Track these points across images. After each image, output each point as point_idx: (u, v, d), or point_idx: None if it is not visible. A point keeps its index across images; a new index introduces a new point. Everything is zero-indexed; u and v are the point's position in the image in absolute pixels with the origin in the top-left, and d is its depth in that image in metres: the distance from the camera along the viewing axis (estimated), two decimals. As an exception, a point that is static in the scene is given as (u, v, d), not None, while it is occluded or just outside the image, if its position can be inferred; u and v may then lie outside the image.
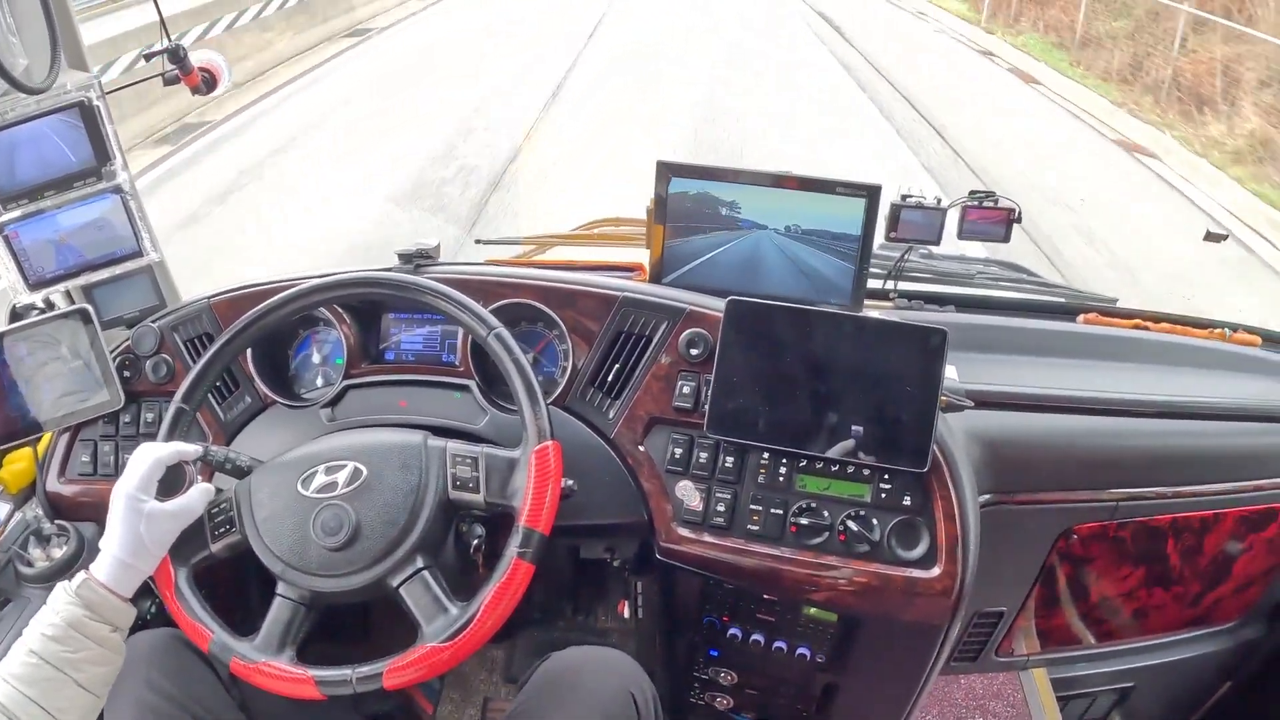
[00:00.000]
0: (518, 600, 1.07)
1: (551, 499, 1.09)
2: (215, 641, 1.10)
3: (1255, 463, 1.54)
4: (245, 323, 1.21)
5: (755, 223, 1.34)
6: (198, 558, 1.15)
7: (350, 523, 1.09)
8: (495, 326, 1.17)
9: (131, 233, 1.45)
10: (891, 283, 1.59)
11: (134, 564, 1.06)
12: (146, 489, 1.08)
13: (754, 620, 1.39)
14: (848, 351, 1.23)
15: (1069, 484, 1.46)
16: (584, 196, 5.86)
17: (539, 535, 1.08)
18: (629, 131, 7.42)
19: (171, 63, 1.50)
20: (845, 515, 1.23)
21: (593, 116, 7.95)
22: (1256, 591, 1.72)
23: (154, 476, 1.10)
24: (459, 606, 1.08)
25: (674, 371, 1.30)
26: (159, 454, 1.11)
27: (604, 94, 8.67)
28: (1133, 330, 1.61)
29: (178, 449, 1.13)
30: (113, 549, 1.05)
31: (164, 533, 1.09)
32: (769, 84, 9.34)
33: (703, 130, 7.53)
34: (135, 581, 1.07)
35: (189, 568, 1.14)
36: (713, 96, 8.59)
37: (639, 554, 1.38)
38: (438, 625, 1.06)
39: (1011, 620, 1.61)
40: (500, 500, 1.13)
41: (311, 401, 1.38)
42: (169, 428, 1.19)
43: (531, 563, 1.07)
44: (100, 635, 1.00)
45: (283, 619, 1.11)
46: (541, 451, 1.11)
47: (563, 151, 6.98)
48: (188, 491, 1.12)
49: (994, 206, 1.39)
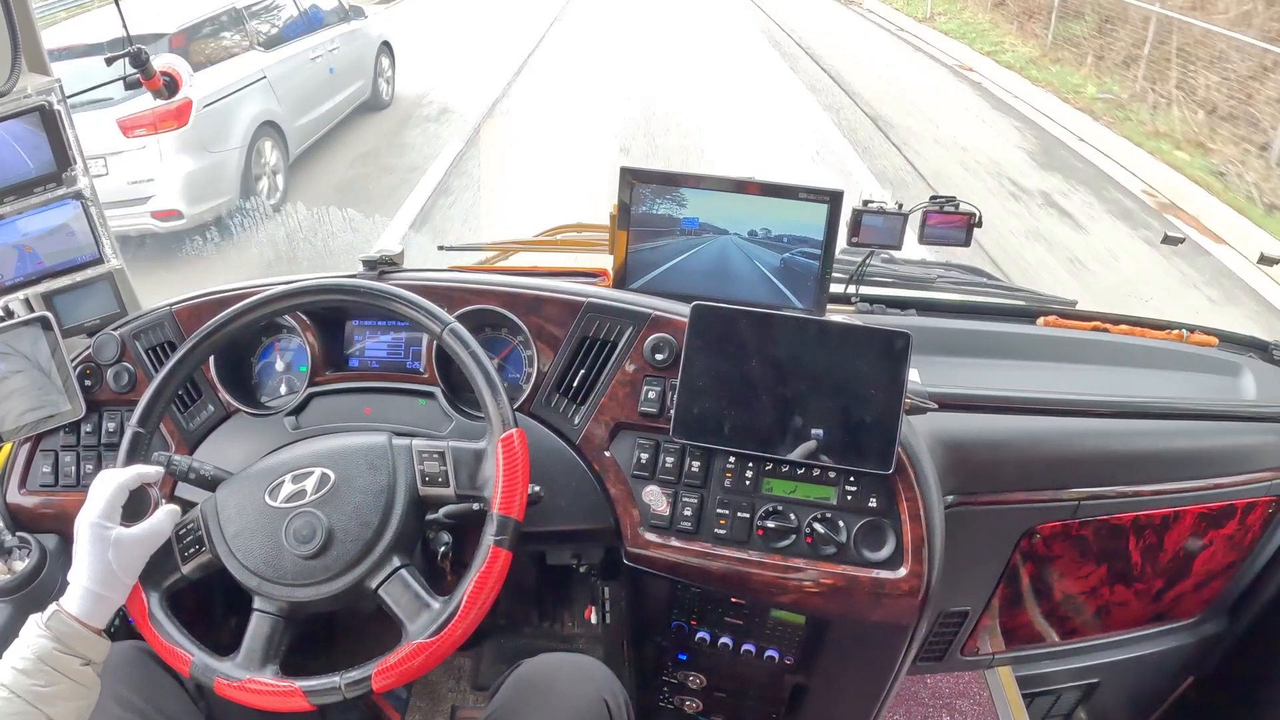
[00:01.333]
0: (499, 589, 1.07)
1: (522, 485, 1.10)
2: (196, 664, 1.08)
3: (1214, 461, 1.57)
4: (205, 333, 1.20)
5: (718, 228, 1.34)
6: (169, 581, 1.13)
7: (323, 529, 1.09)
8: (449, 322, 1.17)
9: (92, 239, 1.44)
10: (853, 287, 1.61)
11: (105, 594, 1.03)
12: (111, 516, 1.06)
13: (722, 623, 1.39)
14: (812, 356, 1.23)
15: (1031, 484, 1.48)
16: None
17: (514, 522, 1.08)
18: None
19: (133, 66, 1.49)
20: (812, 518, 1.24)
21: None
22: (1217, 587, 1.75)
23: (117, 502, 1.07)
24: (440, 601, 1.07)
25: (639, 377, 1.30)
26: (120, 479, 1.08)
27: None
28: (1092, 332, 1.63)
29: (139, 472, 1.11)
30: (82, 580, 1.02)
31: (133, 559, 1.07)
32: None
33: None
34: (108, 612, 1.04)
35: (161, 592, 1.13)
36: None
37: (606, 559, 1.39)
38: (422, 621, 1.06)
39: (976, 619, 1.63)
40: (471, 491, 1.13)
41: (275, 409, 1.37)
42: (127, 452, 1.17)
43: (509, 549, 1.07)
44: (72, 669, 0.98)
45: (263, 633, 1.10)
46: (507, 439, 1.11)
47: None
48: (153, 514, 1.10)
49: (954, 211, 1.40)
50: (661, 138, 7.47)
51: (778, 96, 8.99)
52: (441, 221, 5.79)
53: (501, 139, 7.65)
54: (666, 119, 7.91)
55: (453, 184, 6.42)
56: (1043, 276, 5.09)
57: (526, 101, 8.68)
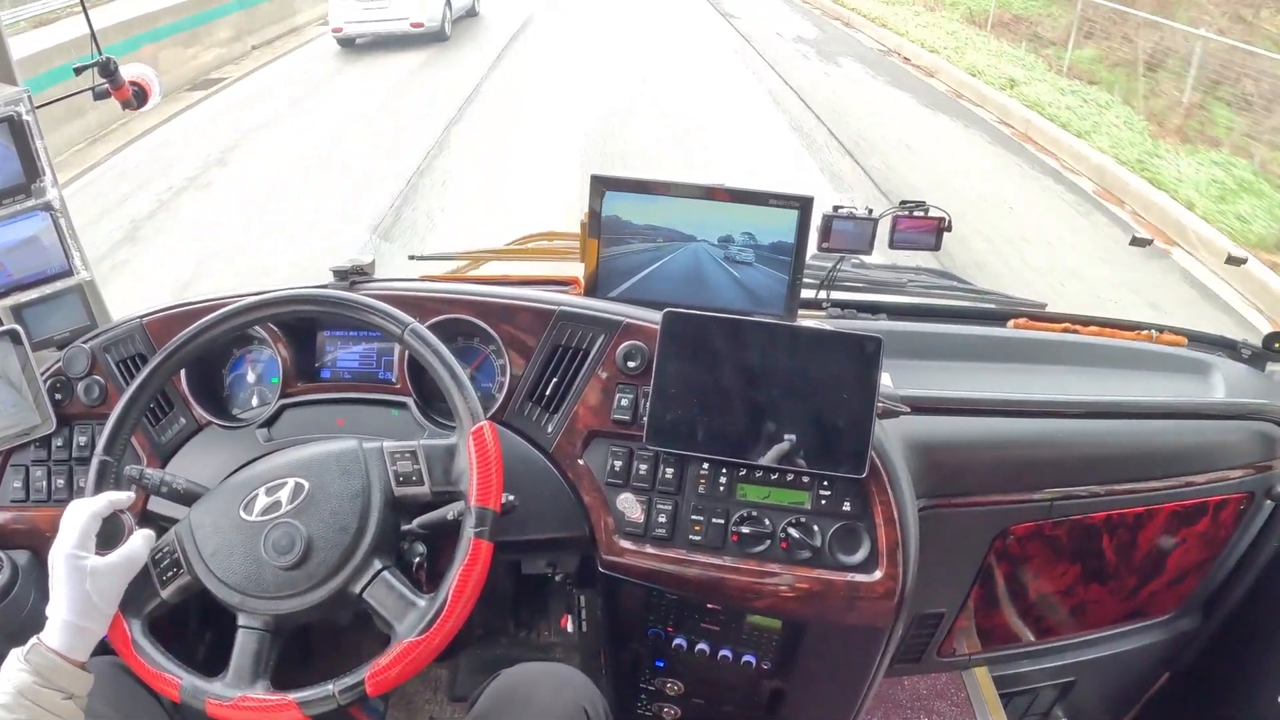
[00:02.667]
0: (483, 580, 1.07)
1: (497, 475, 1.10)
2: (185, 688, 1.07)
3: (1185, 459, 1.58)
4: (177, 344, 1.20)
5: (689, 235, 1.35)
6: (150, 606, 1.12)
7: (301, 538, 1.08)
8: (409, 323, 1.17)
9: (61, 251, 1.43)
10: (824, 292, 1.61)
11: (85, 625, 1.01)
12: (85, 545, 1.05)
13: (698, 629, 1.39)
14: (784, 361, 1.24)
15: (1004, 485, 1.49)
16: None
17: (492, 513, 1.09)
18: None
19: (102, 76, 1.47)
20: (786, 523, 1.25)
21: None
22: (1191, 583, 1.77)
23: (91, 531, 1.06)
24: (426, 598, 1.07)
25: (612, 384, 1.30)
26: (92, 508, 1.07)
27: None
28: (1062, 334, 1.65)
29: (110, 499, 1.09)
30: (61, 613, 1.01)
31: (111, 587, 1.05)
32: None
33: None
34: (89, 644, 1.02)
35: (143, 619, 1.11)
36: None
37: (581, 567, 1.39)
38: (410, 620, 1.06)
39: (952, 621, 1.64)
40: (446, 486, 1.13)
41: (247, 422, 1.36)
42: (96, 480, 1.16)
43: (491, 540, 1.07)
44: (54, 703, 0.96)
45: (250, 649, 1.09)
46: (478, 432, 1.11)
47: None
48: (129, 540, 1.09)
49: (924, 216, 1.41)
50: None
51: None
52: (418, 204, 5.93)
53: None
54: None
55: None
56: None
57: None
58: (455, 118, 8.53)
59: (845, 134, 7.88)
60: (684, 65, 10.77)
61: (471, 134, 8.08)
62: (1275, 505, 1.64)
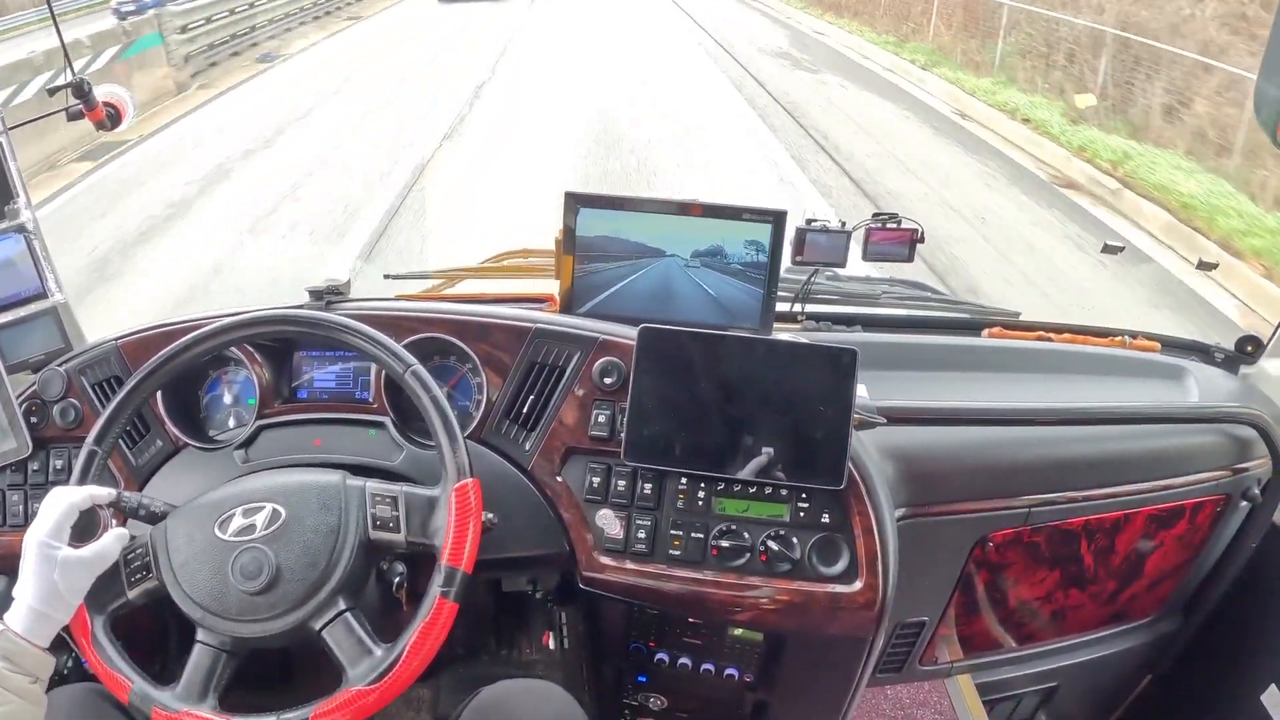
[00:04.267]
0: (442, 639, 1.07)
1: (473, 536, 1.09)
2: (135, 691, 1.07)
3: (1161, 463, 1.59)
4: (157, 363, 1.19)
5: (663, 250, 1.36)
6: (115, 605, 1.12)
7: (270, 566, 1.08)
8: (411, 364, 1.17)
9: (35, 273, 1.42)
10: (799, 305, 1.62)
11: (49, 613, 1.03)
12: (59, 535, 1.06)
13: (680, 644, 1.39)
14: (760, 374, 1.25)
15: (982, 493, 1.50)
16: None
17: (462, 573, 1.08)
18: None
19: (76, 97, 1.46)
20: (765, 535, 1.25)
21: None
22: (1170, 586, 1.78)
23: (67, 522, 1.07)
24: (384, 648, 1.07)
25: (589, 401, 1.30)
26: (72, 499, 1.08)
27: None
28: (1036, 342, 1.66)
29: (90, 493, 1.10)
30: (27, 598, 1.03)
31: (79, 580, 1.06)
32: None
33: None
34: (52, 631, 1.04)
35: (106, 615, 1.11)
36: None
37: (561, 584, 1.39)
38: (363, 668, 1.05)
39: (933, 629, 1.64)
40: (421, 539, 1.12)
41: (224, 443, 1.36)
42: (81, 471, 1.16)
43: (455, 601, 1.07)
44: (20, 687, 0.98)
45: (204, 666, 1.09)
46: (461, 489, 1.11)
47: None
48: (102, 537, 1.10)
49: (897, 228, 1.42)
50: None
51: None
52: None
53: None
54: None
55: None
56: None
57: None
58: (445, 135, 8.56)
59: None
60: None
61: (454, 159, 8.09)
62: (1251, 506, 1.65)
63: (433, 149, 7.97)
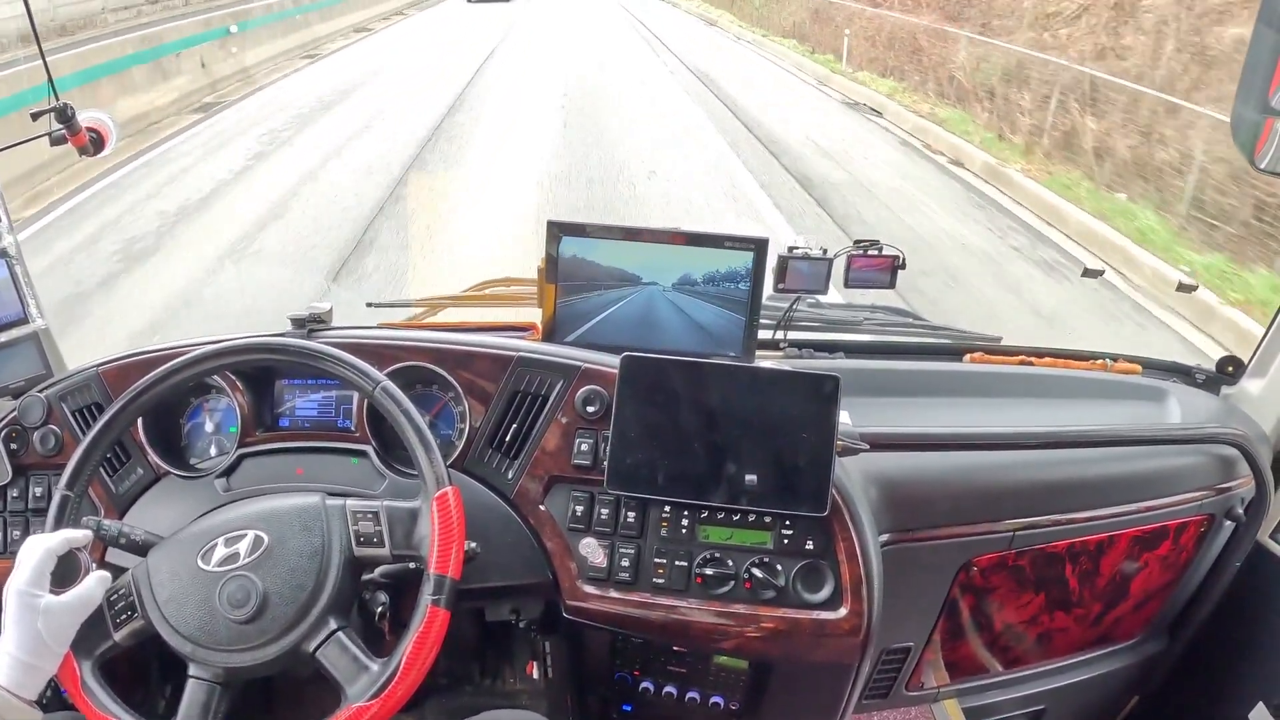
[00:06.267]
0: (438, 648, 1.07)
1: (458, 543, 1.10)
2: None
3: (1145, 484, 1.60)
4: (128, 398, 1.19)
5: (646, 279, 1.36)
6: (102, 649, 1.11)
7: (257, 593, 1.07)
8: (380, 380, 1.17)
9: (16, 298, 1.41)
10: (781, 333, 1.62)
11: (36, 663, 1.01)
12: (39, 583, 1.04)
13: (665, 672, 1.39)
14: (743, 402, 1.25)
15: (966, 518, 1.50)
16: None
17: (450, 580, 1.08)
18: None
19: (59, 122, 1.46)
20: (750, 563, 1.25)
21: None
22: (1155, 607, 1.78)
23: (46, 569, 1.05)
24: (379, 663, 1.06)
25: (571, 429, 1.30)
26: (48, 545, 1.06)
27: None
28: (1018, 366, 1.67)
29: (67, 537, 1.08)
30: (10, 649, 1.00)
31: (64, 627, 1.05)
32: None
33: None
34: (39, 682, 1.02)
35: (93, 660, 1.10)
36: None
37: (545, 613, 1.38)
38: (361, 684, 1.05)
39: (919, 654, 1.64)
40: (406, 551, 1.12)
41: (206, 471, 1.35)
42: (55, 517, 1.14)
43: (447, 608, 1.07)
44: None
45: (199, 701, 1.08)
46: (442, 497, 1.11)
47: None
48: (84, 580, 1.08)
49: (878, 255, 1.43)
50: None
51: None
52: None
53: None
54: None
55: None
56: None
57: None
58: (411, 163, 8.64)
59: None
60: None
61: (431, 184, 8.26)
62: (1235, 525, 1.66)
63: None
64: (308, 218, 6.68)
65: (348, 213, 6.67)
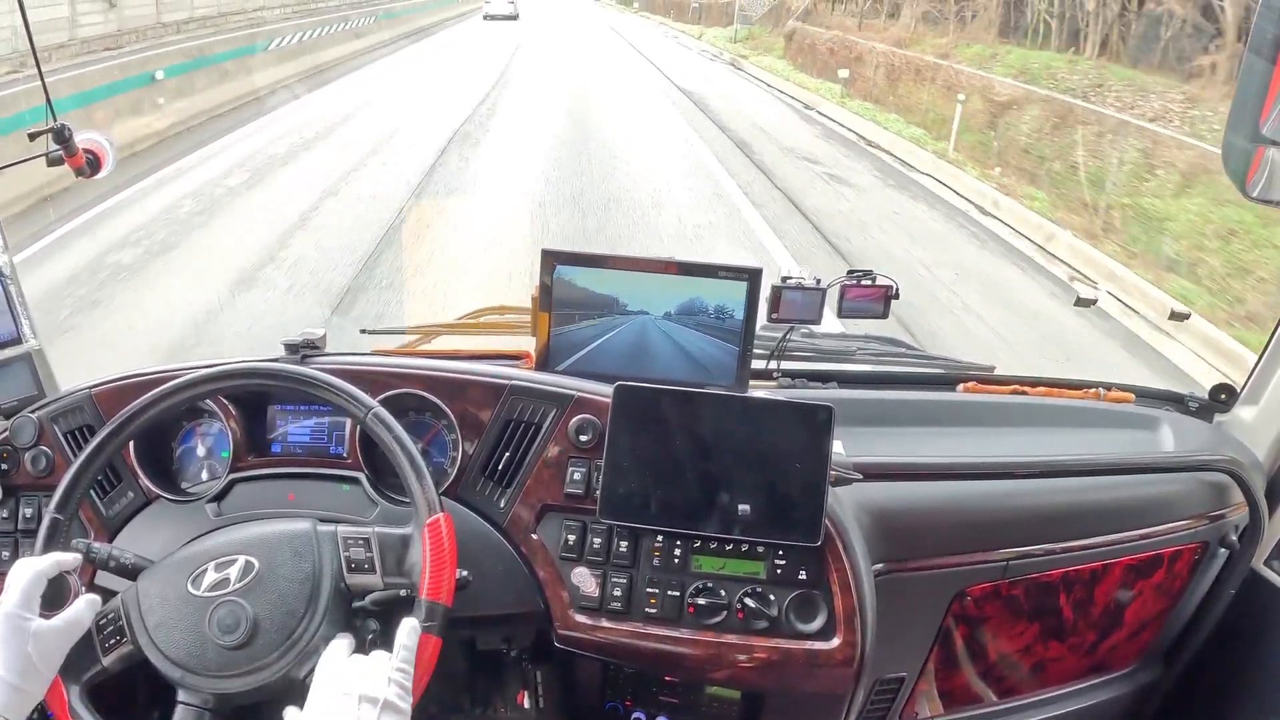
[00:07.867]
0: (429, 675, 1.06)
1: (450, 570, 1.09)
2: None
3: (1138, 512, 1.60)
4: (120, 421, 1.18)
5: (640, 308, 1.36)
6: (90, 673, 1.10)
7: (247, 618, 1.07)
8: (372, 406, 1.17)
9: (10, 319, 1.41)
10: (775, 363, 1.62)
11: (24, 687, 1.00)
12: (28, 606, 1.03)
13: (657, 703, 1.38)
14: (736, 432, 1.25)
15: (959, 547, 1.50)
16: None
17: (442, 607, 1.08)
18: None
19: (56, 143, 1.46)
20: (742, 593, 1.25)
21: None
22: (1149, 635, 1.78)
23: (35, 593, 1.04)
24: None
25: (564, 458, 1.30)
26: (38, 568, 1.06)
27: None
28: (1011, 395, 1.67)
29: (56, 560, 1.08)
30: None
31: (53, 650, 1.04)
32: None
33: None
34: (28, 706, 1.01)
35: (81, 685, 1.09)
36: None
37: (537, 643, 1.37)
38: None
39: (913, 684, 1.63)
40: (398, 578, 1.12)
41: (197, 496, 1.34)
42: (45, 540, 1.14)
43: (438, 636, 1.06)
44: None
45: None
46: (433, 524, 1.10)
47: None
48: (74, 604, 1.07)
49: (872, 285, 1.44)
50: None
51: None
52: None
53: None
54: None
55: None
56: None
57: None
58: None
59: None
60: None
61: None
62: (1229, 553, 1.66)
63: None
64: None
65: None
